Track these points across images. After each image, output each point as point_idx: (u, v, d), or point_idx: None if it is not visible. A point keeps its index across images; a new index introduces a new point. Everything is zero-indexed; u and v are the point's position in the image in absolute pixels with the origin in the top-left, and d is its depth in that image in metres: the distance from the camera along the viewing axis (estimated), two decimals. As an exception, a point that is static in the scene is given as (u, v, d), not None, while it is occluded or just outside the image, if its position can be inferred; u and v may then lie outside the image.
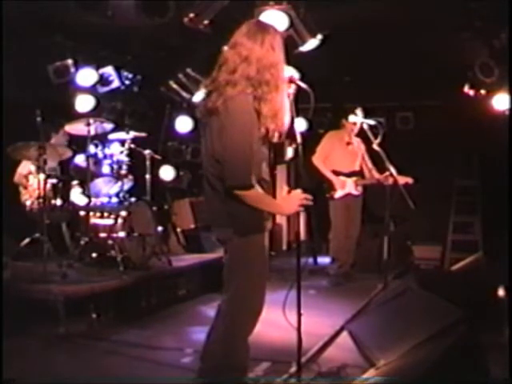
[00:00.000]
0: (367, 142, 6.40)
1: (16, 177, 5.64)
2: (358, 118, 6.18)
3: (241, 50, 2.65)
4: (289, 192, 2.80)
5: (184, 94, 6.83)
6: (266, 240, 2.76)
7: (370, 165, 6.50)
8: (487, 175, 7.83)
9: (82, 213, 5.53)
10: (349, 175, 6.43)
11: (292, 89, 2.89)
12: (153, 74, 7.02)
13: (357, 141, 6.53)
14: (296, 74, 2.86)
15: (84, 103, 6.46)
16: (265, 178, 2.74)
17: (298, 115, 2.92)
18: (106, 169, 5.70)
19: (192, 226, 7.21)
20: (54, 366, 3.66)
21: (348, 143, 6.51)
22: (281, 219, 9.46)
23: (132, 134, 5.85)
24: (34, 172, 5.23)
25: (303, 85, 2.91)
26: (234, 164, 2.54)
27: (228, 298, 2.73)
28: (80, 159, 5.82)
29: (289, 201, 2.76)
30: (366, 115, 6.20)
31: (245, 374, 2.87)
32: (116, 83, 6.60)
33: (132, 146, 5.81)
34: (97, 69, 6.39)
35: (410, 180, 5.87)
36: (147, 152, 6.00)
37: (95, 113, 6.38)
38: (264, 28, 2.74)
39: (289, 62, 2.82)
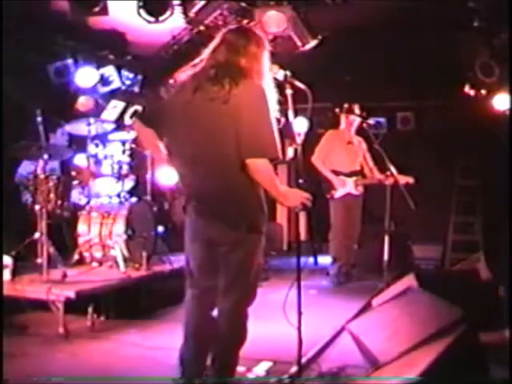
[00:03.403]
0: (368, 142, 6.41)
1: (16, 177, 5.64)
2: (356, 118, 6.21)
3: None
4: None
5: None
6: None
7: (370, 164, 6.48)
8: (487, 175, 7.83)
9: (83, 213, 5.53)
10: (349, 175, 6.41)
11: (289, 89, 2.90)
12: (153, 74, 7.03)
13: (358, 140, 6.51)
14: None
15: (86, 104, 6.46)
16: None
17: (296, 116, 2.93)
18: (106, 169, 5.70)
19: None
20: (54, 366, 3.66)
21: (348, 142, 6.49)
22: (281, 219, 9.47)
23: (133, 134, 5.85)
24: (34, 172, 5.23)
25: (300, 85, 2.92)
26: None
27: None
28: (80, 159, 5.81)
29: (293, 193, 2.84)
30: (367, 115, 6.22)
31: None
32: (116, 83, 6.60)
33: (133, 146, 5.81)
34: (97, 69, 6.39)
35: (410, 180, 5.86)
36: (148, 152, 5.99)
37: (96, 113, 6.38)
38: None
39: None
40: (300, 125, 6.32)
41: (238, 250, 2.70)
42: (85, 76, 6.25)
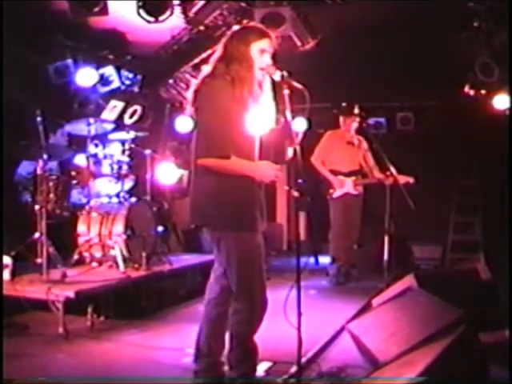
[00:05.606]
0: (367, 142, 6.41)
1: (16, 177, 5.63)
2: (355, 118, 6.22)
3: None
4: (288, 192, 2.85)
5: (184, 93, 6.84)
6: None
7: (371, 164, 6.48)
8: (487, 175, 7.83)
9: (82, 213, 5.53)
10: (348, 174, 6.41)
11: (286, 89, 2.91)
12: (153, 74, 7.02)
13: (359, 139, 6.51)
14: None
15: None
16: None
17: (294, 116, 2.93)
18: (106, 169, 5.70)
19: (192, 225, 7.18)
20: (54, 366, 3.66)
21: (348, 142, 6.49)
22: (281, 219, 9.47)
23: (132, 133, 5.85)
24: (34, 172, 5.23)
25: (297, 85, 2.92)
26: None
27: None
28: (80, 159, 5.81)
29: (264, 166, 2.97)
30: (367, 115, 6.22)
31: None
32: (116, 83, 6.59)
33: (132, 145, 5.81)
34: (97, 69, 6.38)
35: (411, 180, 5.87)
36: (147, 152, 6.00)
37: (96, 113, 6.38)
38: None
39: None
40: (299, 125, 6.35)
41: (220, 248, 2.96)
42: (85, 76, 6.23)
